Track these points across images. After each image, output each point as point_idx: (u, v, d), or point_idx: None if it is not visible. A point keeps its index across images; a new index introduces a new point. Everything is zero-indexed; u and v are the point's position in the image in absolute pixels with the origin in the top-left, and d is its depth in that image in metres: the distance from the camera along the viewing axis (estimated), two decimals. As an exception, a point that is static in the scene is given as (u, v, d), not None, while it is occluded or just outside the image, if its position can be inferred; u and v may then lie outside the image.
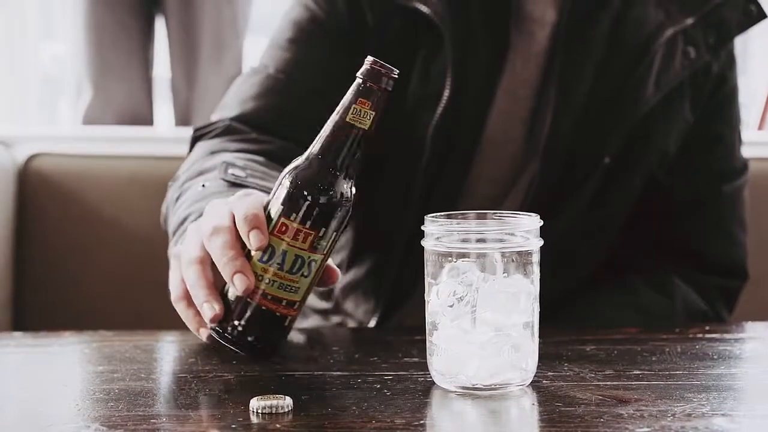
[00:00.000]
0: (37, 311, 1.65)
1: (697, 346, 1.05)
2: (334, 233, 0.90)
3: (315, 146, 0.91)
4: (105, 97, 2.57)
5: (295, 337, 1.18)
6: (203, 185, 1.09)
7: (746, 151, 1.37)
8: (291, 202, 0.89)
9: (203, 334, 0.95)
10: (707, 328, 1.15)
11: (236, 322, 0.90)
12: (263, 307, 0.89)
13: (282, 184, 0.90)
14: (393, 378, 0.91)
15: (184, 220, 1.06)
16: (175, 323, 1.52)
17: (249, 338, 0.91)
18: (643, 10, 1.27)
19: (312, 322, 1.35)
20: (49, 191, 1.67)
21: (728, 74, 1.32)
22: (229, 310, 0.91)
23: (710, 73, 1.30)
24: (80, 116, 2.59)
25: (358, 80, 0.90)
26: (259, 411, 0.82)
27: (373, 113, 0.90)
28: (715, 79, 1.31)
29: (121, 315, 1.65)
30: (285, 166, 1.20)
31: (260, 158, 1.18)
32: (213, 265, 0.91)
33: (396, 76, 0.91)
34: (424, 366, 0.91)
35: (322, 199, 0.89)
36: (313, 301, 1.36)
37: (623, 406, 0.84)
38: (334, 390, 0.89)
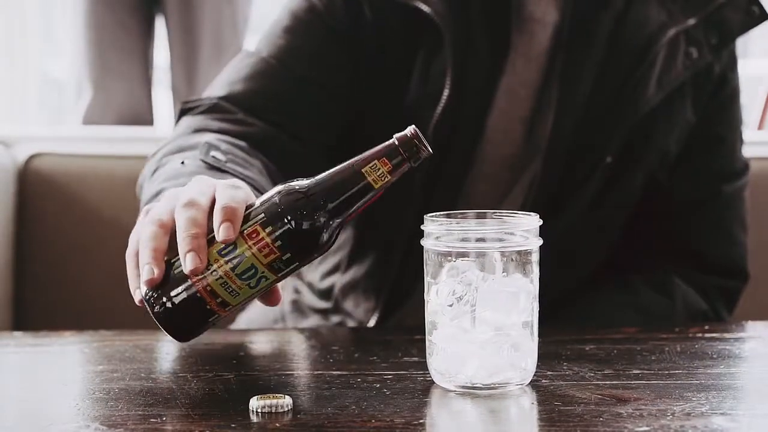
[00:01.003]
0: (37, 311, 1.65)
1: (696, 346, 1.05)
2: (297, 264, 0.88)
3: (322, 176, 0.89)
4: (105, 97, 2.57)
5: (295, 336, 1.18)
6: (182, 162, 1.08)
7: (746, 151, 1.37)
8: (273, 216, 0.87)
9: (137, 296, 0.91)
10: (707, 327, 1.15)
11: (166, 298, 0.88)
12: (198, 295, 0.87)
13: (275, 194, 0.88)
14: (392, 377, 0.92)
15: (158, 193, 1.04)
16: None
17: (172, 318, 0.88)
18: (644, 10, 1.27)
19: (311, 321, 1.35)
20: (49, 191, 1.67)
21: (729, 75, 1.32)
22: (167, 283, 0.88)
23: (712, 73, 1.30)
24: (80, 116, 2.59)
25: (393, 141, 0.88)
26: (259, 410, 0.82)
27: (389, 177, 0.88)
28: (717, 79, 1.31)
29: (121, 315, 1.64)
30: (266, 153, 1.19)
31: (242, 143, 1.17)
32: (172, 235, 0.89)
33: (427, 157, 0.88)
34: (423, 365, 0.91)
35: (302, 229, 0.87)
36: (312, 300, 1.36)
37: (622, 405, 0.84)
38: (334, 389, 0.89)
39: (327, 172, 0.89)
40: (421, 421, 0.81)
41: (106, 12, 2.55)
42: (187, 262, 0.86)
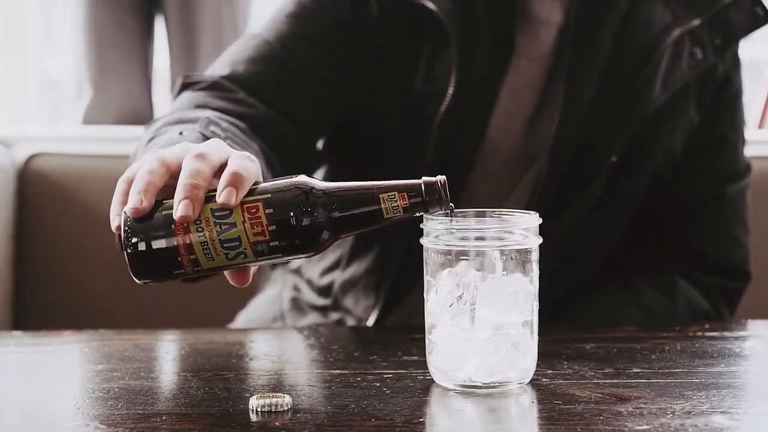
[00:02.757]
0: (37, 311, 1.65)
1: (696, 344, 1.05)
2: (279, 255, 0.86)
3: (340, 185, 0.87)
4: (105, 97, 2.57)
5: (295, 335, 1.18)
6: (180, 133, 1.06)
7: (747, 150, 1.37)
8: (278, 201, 0.85)
9: (114, 222, 0.88)
10: (707, 326, 1.15)
11: (142, 237, 0.85)
12: (175, 244, 0.85)
13: (288, 182, 0.87)
14: (392, 376, 0.92)
15: None
16: (174, 322, 1.52)
17: (140, 258, 0.85)
18: (649, 11, 1.27)
19: (310, 319, 1.35)
20: (49, 191, 1.67)
21: (733, 76, 1.32)
22: (149, 221, 0.85)
23: (715, 74, 1.30)
24: (80, 116, 2.59)
25: (419, 183, 0.87)
26: (259, 409, 0.82)
27: (401, 213, 0.86)
28: (720, 80, 1.31)
29: (120, 314, 1.65)
30: (264, 136, 1.17)
31: (242, 124, 1.16)
32: (166, 185, 0.87)
33: (443, 214, 0.87)
34: (423, 364, 0.91)
35: (301, 225, 0.85)
36: (311, 297, 1.35)
37: (623, 403, 0.84)
38: (334, 388, 0.89)
39: (346, 183, 0.87)
40: (420, 419, 0.81)
41: (105, 12, 2.55)
42: (179, 208, 0.83)
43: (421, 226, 0.89)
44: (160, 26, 2.64)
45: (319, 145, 1.33)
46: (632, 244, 1.33)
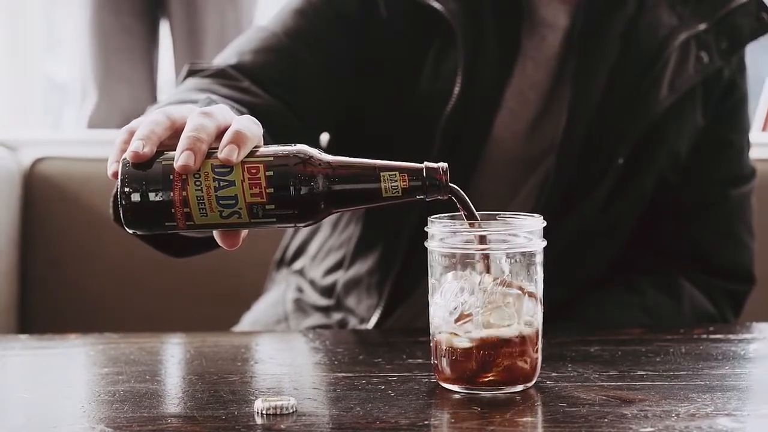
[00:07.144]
0: (42, 314, 1.66)
1: (701, 347, 1.05)
2: (273, 220, 0.85)
3: (343, 159, 0.87)
4: (110, 101, 2.57)
5: (299, 338, 1.18)
6: None
7: (751, 153, 1.37)
8: (279, 167, 0.85)
9: (111, 169, 0.87)
10: (711, 328, 1.15)
11: (137, 186, 0.84)
12: (171, 198, 0.84)
13: (292, 148, 0.86)
14: (397, 379, 0.92)
15: None
16: (179, 325, 1.53)
17: (134, 206, 0.84)
18: (655, 15, 1.27)
19: (314, 320, 1.35)
20: (54, 195, 1.68)
21: (738, 80, 1.33)
22: (148, 171, 0.84)
23: (721, 78, 1.30)
24: (85, 120, 2.59)
25: (422, 167, 0.86)
26: (264, 412, 0.82)
27: (399, 194, 0.86)
28: (726, 84, 1.31)
29: (126, 317, 1.65)
30: (267, 126, 1.16)
31: (245, 110, 1.16)
32: (169, 143, 0.86)
33: (440, 199, 0.87)
34: (428, 367, 0.91)
35: (299, 194, 0.85)
36: (314, 298, 1.36)
37: (627, 406, 0.84)
38: (338, 391, 0.89)
39: (349, 158, 0.87)
40: (425, 422, 0.81)
41: (110, 16, 2.56)
42: (181, 158, 0.83)
43: (425, 229, 0.89)
44: (164, 30, 2.65)
45: (323, 143, 1.34)
46: (637, 245, 1.33)
